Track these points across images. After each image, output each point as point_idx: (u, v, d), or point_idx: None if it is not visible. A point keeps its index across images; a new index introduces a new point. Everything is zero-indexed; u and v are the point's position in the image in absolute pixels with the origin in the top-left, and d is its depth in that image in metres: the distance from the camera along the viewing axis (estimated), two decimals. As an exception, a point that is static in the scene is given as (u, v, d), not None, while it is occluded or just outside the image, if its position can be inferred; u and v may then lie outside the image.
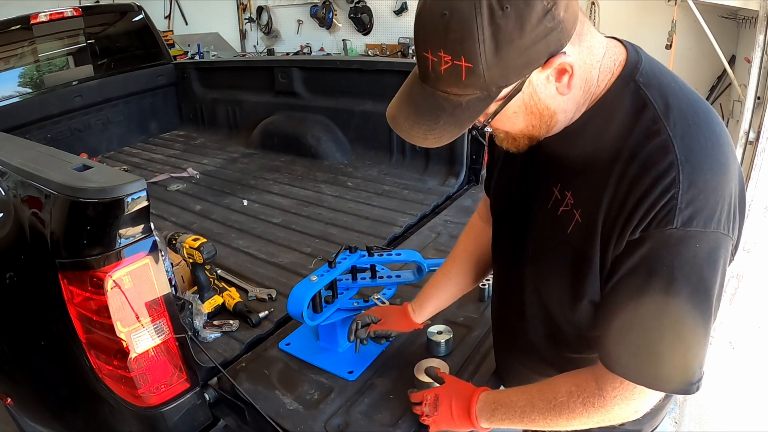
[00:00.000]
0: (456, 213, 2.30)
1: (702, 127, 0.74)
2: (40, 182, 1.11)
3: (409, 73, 0.79)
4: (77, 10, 3.34)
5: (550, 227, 0.87)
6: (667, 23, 3.53)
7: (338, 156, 3.08)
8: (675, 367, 0.76)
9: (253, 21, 6.48)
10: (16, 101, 3.16)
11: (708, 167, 0.71)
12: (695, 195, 0.70)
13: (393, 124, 0.79)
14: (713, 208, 0.71)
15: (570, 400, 0.86)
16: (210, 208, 2.55)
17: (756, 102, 2.47)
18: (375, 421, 1.18)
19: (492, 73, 0.67)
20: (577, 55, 0.72)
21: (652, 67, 0.78)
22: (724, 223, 0.72)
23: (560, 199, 0.85)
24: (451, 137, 0.75)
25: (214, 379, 1.35)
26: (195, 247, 1.58)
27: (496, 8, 0.64)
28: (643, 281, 0.74)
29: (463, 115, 0.72)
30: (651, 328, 0.75)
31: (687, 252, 0.71)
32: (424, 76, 0.73)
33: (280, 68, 3.29)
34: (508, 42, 0.65)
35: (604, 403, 0.83)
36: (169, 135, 3.91)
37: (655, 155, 0.72)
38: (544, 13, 0.65)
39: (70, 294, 1.09)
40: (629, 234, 0.74)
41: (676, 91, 0.76)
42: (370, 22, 5.52)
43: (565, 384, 0.89)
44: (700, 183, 0.70)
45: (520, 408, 0.93)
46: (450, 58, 0.67)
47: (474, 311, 1.55)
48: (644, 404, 0.82)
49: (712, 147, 0.73)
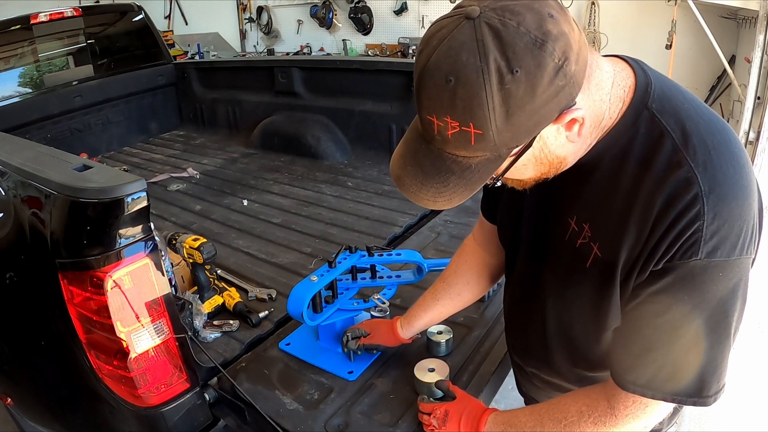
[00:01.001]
0: (456, 213, 2.29)
1: (722, 151, 0.71)
2: (40, 182, 1.11)
3: (409, 73, 0.79)
4: (77, 10, 3.34)
5: (569, 259, 0.85)
6: (667, 23, 3.53)
7: (338, 156, 3.08)
8: (692, 382, 0.76)
9: (253, 21, 6.48)
10: (16, 101, 3.16)
11: (732, 195, 0.70)
12: (720, 225, 0.69)
13: (399, 184, 0.75)
14: (737, 234, 0.70)
15: (581, 419, 0.86)
16: (210, 208, 2.55)
17: (756, 102, 2.47)
18: (375, 421, 1.18)
19: (502, 137, 0.64)
20: (587, 101, 0.70)
21: (663, 89, 0.75)
22: (747, 247, 0.72)
23: (577, 231, 0.83)
24: (461, 199, 0.72)
25: (214, 379, 1.35)
26: (195, 247, 1.58)
27: (506, 72, 0.60)
28: (664, 307, 0.74)
29: (474, 176, 0.69)
30: (670, 349, 0.76)
31: (709, 281, 0.71)
32: (429, 138, 0.69)
33: (280, 68, 3.29)
34: (520, 107, 0.62)
35: (615, 422, 0.83)
36: (169, 135, 3.91)
37: (679, 189, 0.69)
38: (556, 72, 0.61)
39: (70, 294, 1.09)
40: (653, 265, 0.73)
41: (691, 113, 0.74)
42: (370, 22, 5.52)
43: (575, 403, 0.88)
44: (725, 213, 0.69)
45: (529, 428, 0.93)
46: (458, 124, 0.63)
47: (474, 311, 1.55)
48: (653, 419, 0.83)
49: (734, 172, 0.71)
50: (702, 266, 0.70)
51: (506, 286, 1.12)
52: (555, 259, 0.89)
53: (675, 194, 0.70)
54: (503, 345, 1.30)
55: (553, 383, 1.06)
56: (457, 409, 1.07)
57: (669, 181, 0.70)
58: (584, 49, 0.66)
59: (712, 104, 3.70)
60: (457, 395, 1.12)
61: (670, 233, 0.70)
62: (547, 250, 0.91)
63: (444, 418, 1.07)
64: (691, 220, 0.69)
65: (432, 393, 1.19)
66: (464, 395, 1.12)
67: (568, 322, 0.92)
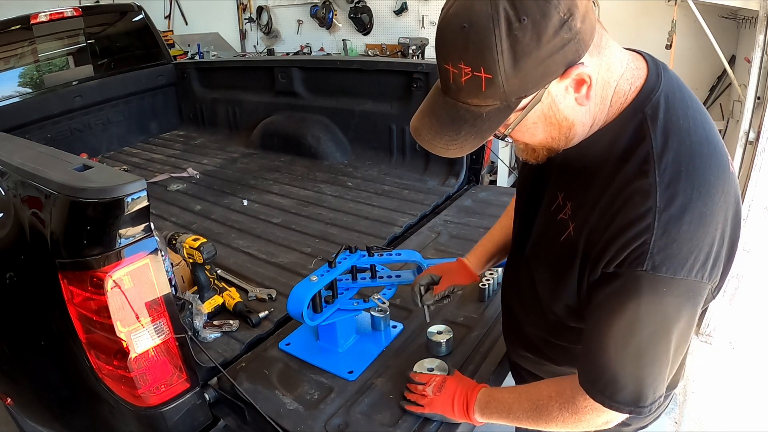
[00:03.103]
0: (456, 213, 2.30)
1: (695, 176, 0.73)
2: (40, 182, 1.11)
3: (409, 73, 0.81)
4: (77, 10, 3.34)
5: (548, 229, 0.92)
6: (667, 23, 3.53)
7: (338, 156, 3.08)
8: (630, 391, 0.81)
9: (253, 21, 6.47)
10: (16, 101, 3.16)
11: (687, 219, 0.72)
12: (668, 243, 0.72)
13: (416, 135, 0.81)
14: (686, 257, 0.73)
15: (549, 403, 0.92)
16: (210, 208, 2.55)
17: (756, 102, 2.47)
18: (375, 421, 1.18)
19: (511, 84, 0.68)
20: (596, 66, 0.73)
21: (669, 98, 0.77)
22: (697, 271, 0.74)
23: (562, 206, 0.89)
24: (472, 147, 0.77)
25: (214, 379, 1.35)
26: (195, 247, 1.58)
27: (514, 20, 0.65)
28: (609, 315, 0.79)
29: (484, 125, 0.73)
30: (612, 356, 0.80)
31: (654, 295, 0.74)
32: (445, 88, 0.75)
33: (280, 68, 3.29)
34: (526, 53, 0.66)
35: (576, 410, 0.89)
36: (169, 135, 3.91)
37: (637, 198, 0.73)
38: (561, 25, 0.66)
39: (70, 294, 1.09)
40: (603, 266, 0.77)
41: (682, 130, 0.75)
42: (370, 22, 5.51)
43: (548, 388, 0.96)
44: (674, 233, 0.72)
45: (508, 405, 1.01)
46: (470, 69, 0.69)
47: (474, 311, 1.55)
48: (612, 417, 0.87)
49: (697, 198, 0.72)
50: (648, 279, 0.73)
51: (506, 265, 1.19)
52: (538, 227, 0.96)
53: (632, 202, 0.74)
54: (503, 345, 1.30)
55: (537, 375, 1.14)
56: (454, 381, 1.15)
57: (632, 186, 0.74)
58: (591, 14, 0.70)
59: (712, 104, 3.70)
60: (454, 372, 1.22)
61: (621, 238, 0.74)
62: (535, 217, 0.97)
63: (441, 386, 1.15)
64: (640, 231, 0.72)
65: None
66: (459, 373, 1.21)
67: (537, 283, 0.98)
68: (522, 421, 0.98)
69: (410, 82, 2.66)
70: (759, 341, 2.69)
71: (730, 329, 2.73)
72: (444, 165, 2.67)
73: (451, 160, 2.63)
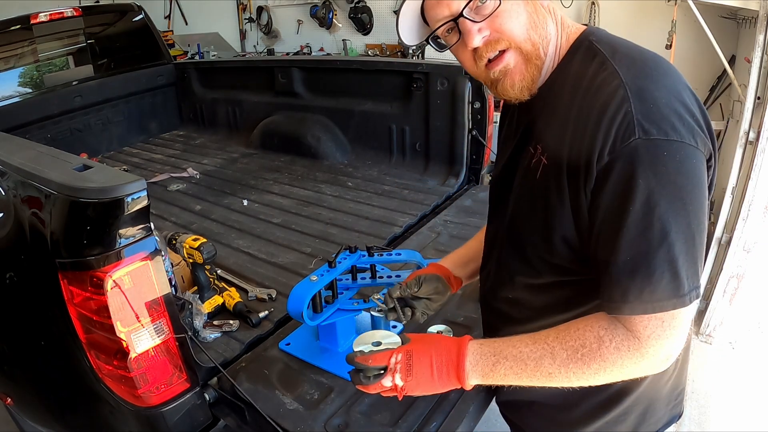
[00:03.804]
0: (456, 213, 2.30)
1: (648, 63, 0.80)
2: (40, 182, 1.11)
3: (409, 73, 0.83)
4: (77, 10, 3.34)
5: (524, 182, 0.93)
6: (667, 23, 3.53)
7: (338, 156, 3.07)
8: (667, 281, 0.75)
9: (253, 21, 6.47)
10: (16, 101, 3.16)
11: (653, 87, 0.76)
12: (648, 107, 0.74)
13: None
14: (670, 118, 0.74)
15: (602, 346, 0.79)
16: (210, 208, 2.55)
17: (756, 102, 2.47)
18: (375, 421, 1.18)
19: None
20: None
21: (609, 35, 0.87)
22: (686, 134, 0.74)
23: (533, 153, 0.90)
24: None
25: (214, 379, 1.35)
26: (195, 247, 1.58)
27: None
28: (621, 205, 0.75)
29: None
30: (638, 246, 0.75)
31: (657, 161, 0.73)
32: None
33: (280, 68, 3.29)
34: None
35: (639, 346, 0.78)
36: (169, 135, 3.91)
37: (604, 83, 0.78)
38: None
39: (70, 294, 1.09)
40: (597, 162, 0.76)
41: (626, 45, 0.84)
42: (370, 22, 5.51)
43: (590, 329, 0.81)
44: (649, 98, 0.74)
45: (534, 360, 0.83)
46: None
47: (474, 311, 1.55)
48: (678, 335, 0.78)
49: (657, 74, 0.78)
50: (644, 146, 0.73)
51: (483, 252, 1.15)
52: (519, 185, 0.95)
53: (601, 89, 0.78)
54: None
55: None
56: (424, 347, 0.91)
57: (596, 81, 0.79)
58: None
59: (712, 104, 3.70)
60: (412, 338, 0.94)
61: (603, 120, 0.75)
62: (515, 181, 0.97)
63: (408, 362, 0.89)
64: (619, 103, 0.75)
65: None
66: (421, 335, 0.96)
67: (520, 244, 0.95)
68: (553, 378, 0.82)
69: (410, 82, 2.66)
70: (759, 341, 2.69)
71: (730, 329, 2.73)
72: (444, 165, 2.67)
73: (450, 159, 2.63)
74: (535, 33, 0.84)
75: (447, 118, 2.58)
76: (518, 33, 0.83)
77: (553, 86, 0.88)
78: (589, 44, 0.85)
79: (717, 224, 2.69)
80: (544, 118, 0.88)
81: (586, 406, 1.00)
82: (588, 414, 1.01)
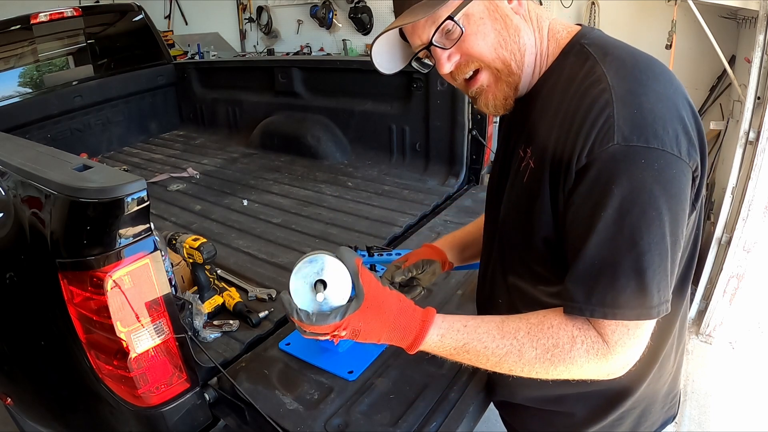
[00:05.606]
0: (456, 213, 2.30)
1: (638, 66, 0.78)
2: (40, 182, 1.10)
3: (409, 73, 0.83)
4: (77, 10, 3.34)
5: (513, 186, 0.93)
6: (667, 23, 3.53)
7: (338, 156, 3.08)
8: (632, 290, 0.74)
9: (253, 21, 6.47)
10: (16, 101, 3.16)
11: (642, 92, 0.74)
12: (632, 113, 0.72)
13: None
14: (653, 126, 0.72)
15: (574, 348, 0.78)
16: (210, 208, 2.55)
17: (756, 102, 2.47)
18: (375, 421, 1.18)
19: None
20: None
21: (602, 36, 0.86)
22: (670, 144, 0.72)
23: (522, 157, 0.90)
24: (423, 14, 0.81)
25: (214, 379, 1.35)
26: (195, 247, 1.58)
27: None
28: (593, 207, 0.74)
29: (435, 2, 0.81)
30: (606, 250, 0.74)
31: (633, 168, 0.71)
32: None
33: (280, 68, 3.29)
34: None
35: (606, 351, 0.77)
36: (169, 135, 3.91)
37: (590, 87, 0.77)
38: None
39: (70, 294, 1.09)
40: (576, 162, 0.75)
41: (619, 47, 0.82)
42: (370, 22, 5.51)
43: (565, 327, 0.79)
44: (634, 103, 0.73)
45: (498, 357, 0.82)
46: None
47: (474, 311, 1.55)
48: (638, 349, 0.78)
49: (646, 79, 0.76)
50: (622, 152, 0.72)
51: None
52: (509, 190, 0.95)
53: (586, 92, 0.77)
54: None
55: None
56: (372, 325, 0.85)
57: (584, 84, 0.78)
58: None
59: (712, 104, 3.70)
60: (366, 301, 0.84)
61: (585, 124, 0.75)
62: (507, 184, 0.97)
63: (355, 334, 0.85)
64: (602, 107, 0.74)
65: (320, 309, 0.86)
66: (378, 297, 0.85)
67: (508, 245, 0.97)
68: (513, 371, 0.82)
69: (410, 82, 2.66)
70: (759, 341, 2.69)
71: (730, 329, 2.73)
72: (444, 165, 2.68)
73: (451, 159, 2.64)
74: (504, 50, 0.84)
75: (447, 118, 2.58)
76: (487, 54, 0.84)
77: (543, 90, 0.87)
78: (580, 47, 0.84)
79: (717, 224, 2.69)
80: (533, 121, 0.88)
81: (585, 409, 1.01)
82: (587, 417, 1.01)
